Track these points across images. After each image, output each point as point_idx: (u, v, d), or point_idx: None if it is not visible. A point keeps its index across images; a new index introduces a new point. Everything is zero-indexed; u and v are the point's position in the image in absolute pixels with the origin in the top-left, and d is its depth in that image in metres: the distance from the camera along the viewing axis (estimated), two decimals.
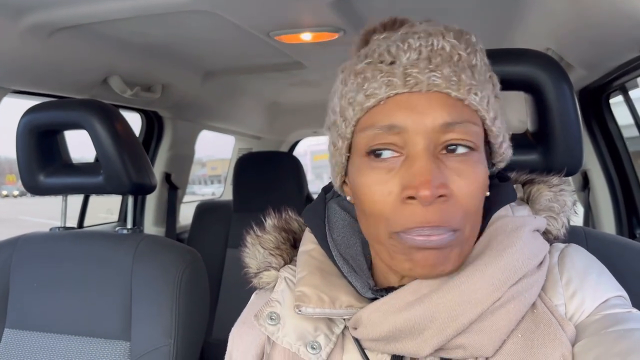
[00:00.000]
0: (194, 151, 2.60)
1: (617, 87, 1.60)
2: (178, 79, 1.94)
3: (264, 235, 0.68)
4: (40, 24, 1.23)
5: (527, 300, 0.52)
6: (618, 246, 0.75)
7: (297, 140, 3.74)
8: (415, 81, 0.50)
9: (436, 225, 0.50)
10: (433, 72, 0.50)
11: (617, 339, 0.49)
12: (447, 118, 0.50)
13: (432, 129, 0.50)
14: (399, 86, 0.51)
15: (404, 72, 0.51)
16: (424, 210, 0.49)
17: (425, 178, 0.48)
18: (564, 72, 0.78)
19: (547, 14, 1.23)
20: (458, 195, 0.50)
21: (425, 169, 0.49)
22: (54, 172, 1.27)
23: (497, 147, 0.57)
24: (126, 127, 1.24)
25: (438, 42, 0.52)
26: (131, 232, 1.28)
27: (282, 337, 0.59)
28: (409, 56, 0.52)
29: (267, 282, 0.66)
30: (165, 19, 1.30)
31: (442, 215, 0.50)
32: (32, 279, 1.20)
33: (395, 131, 0.51)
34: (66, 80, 1.56)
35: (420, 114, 0.50)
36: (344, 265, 0.59)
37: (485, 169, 0.54)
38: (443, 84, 0.50)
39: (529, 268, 0.53)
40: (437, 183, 0.49)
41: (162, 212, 2.42)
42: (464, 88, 0.50)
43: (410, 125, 0.50)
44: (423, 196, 0.48)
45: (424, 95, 0.50)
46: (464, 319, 0.51)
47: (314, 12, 1.28)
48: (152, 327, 1.10)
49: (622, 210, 1.74)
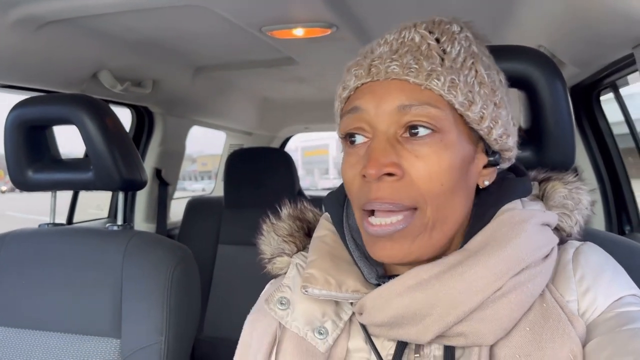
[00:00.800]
0: (185, 147, 2.59)
1: (608, 85, 1.61)
2: (169, 74, 1.93)
3: (278, 223, 0.72)
4: (29, 17, 1.21)
5: (531, 291, 0.53)
6: (610, 243, 0.75)
7: (288, 137, 3.74)
8: (377, 70, 0.56)
9: (387, 201, 0.54)
10: (394, 62, 0.55)
11: (631, 338, 0.49)
12: (405, 101, 0.54)
13: (390, 112, 0.54)
14: (364, 76, 0.57)
15: (370, 64, 0.57)
16: (376, 187, 0.54)
17: (372, 156, 0.53)
18: (557, 69, 0.78)
19: (539, 11, 1.23)
20: (414, 175, 0.53)
21: (376, 149, 0.54)
22: (42, 167, 1.26)
23: (486, 134, 0.57)
24: (116, 123, 1.22)
25: (409, 34, 0.57)
26: (121, 229, 1.27)
27: (291, 321, 0.61)
28: (381, 50, 0.58)
29: (280, 267, 0.69)
30: (156, 14, 1.29)
31: (392, 192, 0.53)
32: (20, 276, 1.18)
33: (358, 113, 0.56)
34: (55, 75, 1.55)
35: (379, 98, 0.55)
36: (355, 250, 0.62)
37: (456, 155, 0.55)
38: (400, 71, 0.54)
39: (533, 259, 0.54)
40: (386, 162, 0.53)
41: (152, 208, 2.40)
42: (423, 74, 0.54)
43: (371, 108, 0.55)
44: (368, 174, 0.53)
45: (384, 82, 0.55)
46: (464, 307, 0.52)
47: (307, 7, 1.27)
48: (142, 324, 1.09)
49: (612, 207, 1.75)
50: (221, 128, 3.06)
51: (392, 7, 1.27)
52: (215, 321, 2.13)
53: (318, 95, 2.50)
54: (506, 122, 0.59)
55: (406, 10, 1.25)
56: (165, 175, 2.40)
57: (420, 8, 1.27)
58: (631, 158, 1.76)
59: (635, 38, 1.04)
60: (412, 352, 0.57)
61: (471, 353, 0.53)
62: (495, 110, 0.57)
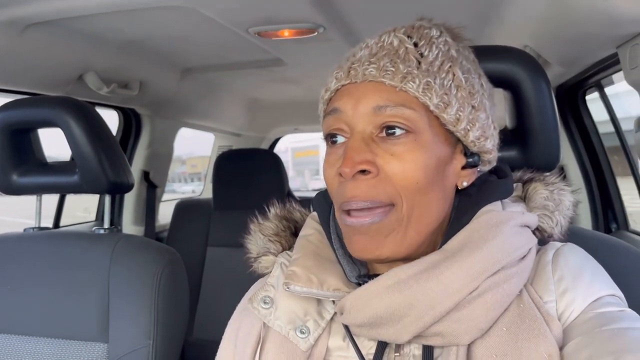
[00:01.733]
0: (173, 149, 2.57)
1: (593, 84, 1.63)
2: (156, 76, 1.91)
3: (265, 223, 0.73)
4: (12, 19, 1.20)
5: (507, 292, 0.54)
6: (595, 241, 0.76)
7: (277, 138, 3.73)
8: (355, 73, 0.58)
9: (362, 199, 0.55)
10: (372, 65, 0.57)
11: (610, 338, 0.49)
12: (380, 102, 0.56)
13: (366, 113, 0.56)
14: (343, 78, 0.59)
15: (349, 67, 0.59)
16: (351, 185, 0.55)
17: (348, 155, 0.55)
18: (542, 69, 0.78)
19: (524, 11, 1.24)
20: (389, 172, 0.55)
21: (350, 148, 0.55)
22: (27, 171, 1.24)
23: (463, 136, 0.58)
24: (102, 125, 1.21)
25: (388, 38, 0.59)
26: (108, 232, 1.26)
27: (274, 320, 0.62)
28: (361, 53, 0.60)
29: (266, 266, 0.70)
30: (142, 15, 1.28)
31: (367, 190, 0.55)
32: (5, 281, 1.17)
33: (337, 115, 0.58)
34: (40, 77, 1.53)
35: (356, 99, 0.57)
36: (339, 248, 0.63)
37: (429, 155, 0.56)
38: (377, 74, 0.56)
39: (509, 260, 0.54)
40: (360, 159, 0.54)
41: (140, 210, 2.39)
42: (398, 76, 0.55)
43: (348, 109, 0.57)
44: (343, 172, 0.55)
45: (361, 84, 0.57)
46: (441, 307, 0.53)
47: (293, 7, 1.27)
48: (130, 328, 1.08)
49: (598, 205, 1.77)
50: (210, 129, 3.05)
51: (378, 7, 1.27)
52: (204, 323, 2.12)
53: (307, 96, 2.49)
54: (485, 124, 0.59)
55: (393, 11, 1.25)
56: (153, 177, 2.38)
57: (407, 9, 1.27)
58: (617, 156, 1.77)
59: (618, 37, 1.05)
60: (392, 351, 0.58)
61: (449, 352, 0.54)
62: (473, 112, 0.58)
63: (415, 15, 0.63)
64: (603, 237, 0.79)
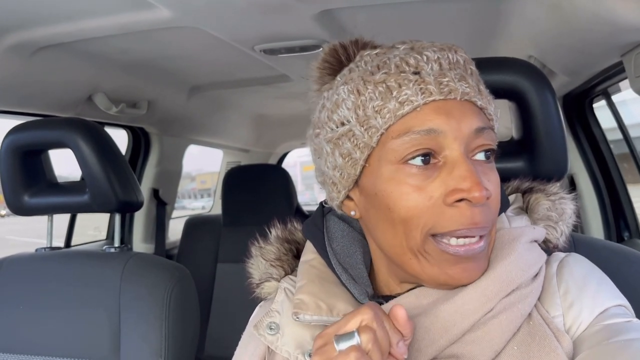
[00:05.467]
0: (182, 166, 2.59)
1: (600, 92, 1.62)
2: (164, 95, 1.93)
3: (266, 247, 0.71)
4: (22, 43, 1.22)
5: (521, 312, 0.53)
6: (607, 251, 0.75)
7: (285, 152, 3.74)
8: (449, 89, 0.53)
9: (482, 226, 0.52)
10: (463, 82, 0.53)
11: (618, 350, 0.49)
12: (480, 123, 0.53)
13: (468, 134, 0.52)
14: (435, 93, 0.52)
15: (437, 81, 0.53)
16: (472, 212, 0.51)
17: (475, 180, 0.50)
18: (546, 80, 0.78)
19: (528, 22, 1.24)
20: (491, 199, 0.53)
21: (472, 172, 0.51)
22: (38, 192, 1.25)
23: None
24: (111, 145, 1.23)
25: (453, 56, 0.55)
26: (119, 251, 1.26)
27: (281, 346, 0.60)
28: (431, 67, 0.54)
29: (269, 292, 0.68)
30: (149, 36, 1.30)
31: (487, 216, 0.52)
32: (18, 301, 1.18)
33: (433, 135, 0.52)
34: (50, 99, 1.55)
35: (456, 120, 0.52)
36: (342, 273, 0.61)
37: None
38: (472, 93, 0.53)
39: (523, 280, 0.54)
40: (484, 186, 0.51)
41: (150, 228, 2.39)
42: (486, 98, 0.55)
43: (448, 130, 0.52)
44: (476, 197, 0.50)
45: (458, 102, 0.53)
46: (456, 329, 0.52)
47: (298, 24, 1.28)
48: (141, 346, 1.08)
49: (610, 214, 1.75)
50: (218, 146, 3.06)
51: (381, 22, 1.28)
52: (216, 339, 2.12)
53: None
54: None
55: (396, 25, 1.26)
56: (163, 195, 2.40)
57: (411, 23, 1.28)
58: (626, 164, 1.76)
59: (623, 46, 1.05)
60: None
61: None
62: None
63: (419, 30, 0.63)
64: (616, 246, 0.78)
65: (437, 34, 1.31)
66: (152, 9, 1.10)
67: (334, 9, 1.19)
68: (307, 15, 1.20)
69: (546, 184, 0.67)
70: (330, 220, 0.67)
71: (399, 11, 1.22)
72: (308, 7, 1.16)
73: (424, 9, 1.21)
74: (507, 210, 0.63)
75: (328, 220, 0.67)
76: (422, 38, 0.61)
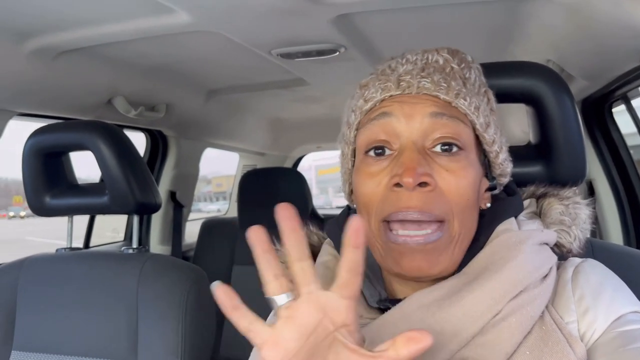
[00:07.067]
0: (199, 169, 2.61)
1: (620, 97, 1.60)
2: (181, 98, 1.96)
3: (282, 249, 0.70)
4: (45, 47, 1.25)
5: (531, 314, 0.53)
6: (626, 257, 0.74)
7: (301, 156, 3.75)
8: (407, 84, 0.57)
9: (418, 209, 0.53)
10: (424, 78, 0.56)
11: (634, 358, 0.48)
12: (436, 109, 0.55)
13: (421, 121, 0.55)
14: (393, 89, 0.57)
15: (398, 79, 0.57)
16: (408, 196, 0.54)
17: (409, 166, 0.53)
18: (564, 83, 0.78)
19: (546, 26, 1.23)
20: (445, 189, 0.54)
21: (410, 158, 0.54)
22: (59, 193, 1.28)
23: (494, 157, 0.60)
24: (130, 148, 1.25)
25: (432, 56, 0.59)
26: (136, 252, 1.28)
27: None
28: (405, 67, 0.59)
29: None
30: (168, 40, 1.32)
31: (425, 202, 0.54)
32: (38, 301, 1.20)
33: (387, 120, 0.56)
34: (71, 102, 1.58)
35: (409, 105, 0.56)
36: None
37: (476, 173, 0.57)
38: (432, 87, 0.56)
39: (530, 281, 0.54)
40: (421, 171, 0.53)
41: (167, 230, 2.42)
42: (452, 92, 0.56)
43: (401, 114, 0.56)
44: (406, 182, 0.53)
45: (414, 96, 0.57)
46: (465, 333, 0.52)
47: (315, 29, 1.29)
48: (158, 346, 1.09)
49: (629, 220, 1.72)
50: (234, 149, 3.08)
51: (399, 27, 1.28)
52: (231, 341, 2.12)
53: (330, 114, 2.51)
54: (505, 148, 0.62)
55: (414, 30, 1.26)
56: (179, 197, 2.42)
57: (428, 27, 1.28)
58: None
59: None
60: None
61: None
62: (501, 136, 0.60)
63: (436, 34, 0.65)
64: (635, 252, 0.77)
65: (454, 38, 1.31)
66: (171, 13, 1.12)
67: (351, 14, 1.20)
68: (324, 20, 1.21)
69: (561, 189, 0.67)
70: None
71: (416, 15, 1.22)
72: (325, 12, 1.16)
73: (442, 13, 1.21)
74: (521, 215, 0.63)
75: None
76: (439, 42, 0.64)
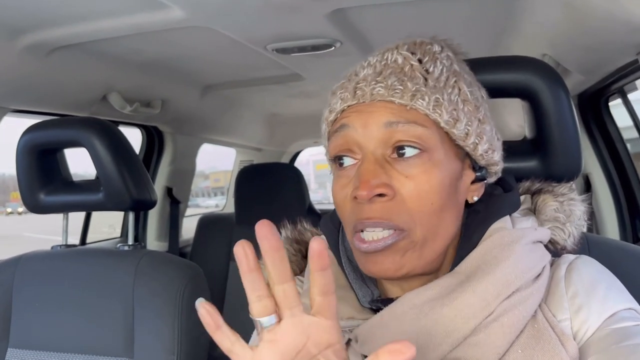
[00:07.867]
0: (195, 165, 2.60)
1: (616, 91, 1.60)
2: (177, 94, 1.95)
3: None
4: (38, 43, 1.24)
5: (523, 314, 0.52)
6: (622, 252, 0.74)
7: (298, 151, 3.75)
8: (362, 93, 0.56)
9: (377, 220, 0.54)
10: (379, 84, 0.56)
11: (627, 355, 0.48)
12: (391, 118, 0.54)
13: (377, 130, 0.55)
14: (349, 99, 0.57)
15: (355, 87, 0.57)
16: (368, 207, 0.54)
17: (363, 179, 0.53)
18: (560, 78, 0.77)
19: (542, 20, 1.23)
20: (405, 195, 0.54)
21: (366, 170, 0.54)
22: (54, 190, 1.27)
23: (472, 150, 0.58)
24: (125, 144, 1.24)
25: (391, 56, 0.58)
26: (132, 249, 1.28)
27: None
28: (365, 72, 0.59)
29: None
30: (163, 36, 1.31)
31: (382, 213, 0.53)
32: (34, 298, 1.19)
33: (346, 131, 0.56)
34: (65, 99, 1.57)
35: (366, 116, 0.55)
36: (351, 272, 0.61)
37: (445, 173, 0.55)
38: (386, 93, 0.55)
39: (523, 281, 0.53)
40: (377, 183, 0.53)
41: (164, 226, 2.42)
42: (408, 94, 0.54)
43: (359, 128, 0.55)
44: (359, 195, 0.53)
45: (370, 104, 0.56)
46: (457, 333, 0.52)
47: (310, 24, 1.28)
48: (154, 343, 1.09)
49: (625, 214, 1.73)
50: (231, 145, 3.08)
51: (394, 21, 1.27)
52: None
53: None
54: (491, 137, 0.59)
55: (408, 24, 1.26)
56: (176, 193, 2.41)
57: (423, 21, 1.28)
58: None
59: (638, 44, 1.04)
60: None
61: None
62: (480, 126, 0.58)
63: (431, 28, 0.63)
64: (630, 247, 0.77)
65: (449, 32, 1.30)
66: (165, 9, 1.11)
67: (346, 8, 1.19)
68: (320, 15, 1.21)
69: (556, 184, 0.67)
70: None
71: (411, 9, 1.22)
72: (320, 7, 1.16)
73: (437, 6, 1.21)
74: (516, 212, 0.63)
75: None
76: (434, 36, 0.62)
